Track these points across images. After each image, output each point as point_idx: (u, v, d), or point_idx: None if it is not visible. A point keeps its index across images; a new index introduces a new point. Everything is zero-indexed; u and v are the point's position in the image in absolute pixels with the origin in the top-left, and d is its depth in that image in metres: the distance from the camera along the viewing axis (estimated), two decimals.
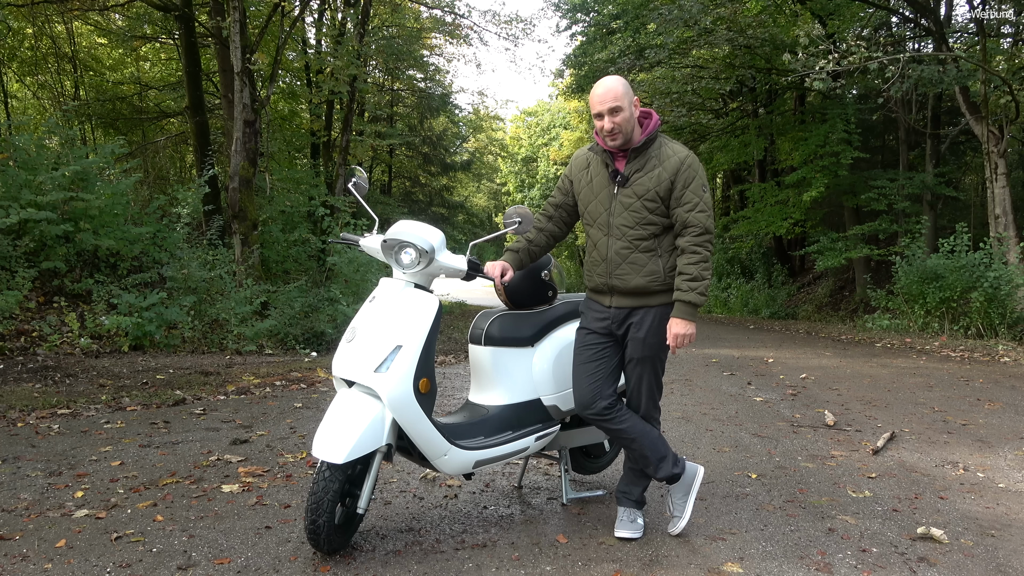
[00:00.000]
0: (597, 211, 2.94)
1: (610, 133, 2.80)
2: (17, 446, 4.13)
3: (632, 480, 3.07)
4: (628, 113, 2.78)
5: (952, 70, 11.79)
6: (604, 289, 2.95)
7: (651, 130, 2.86)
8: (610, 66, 16.96)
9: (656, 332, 2.89)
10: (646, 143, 2.86)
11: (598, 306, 2.99)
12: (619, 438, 2.99)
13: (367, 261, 10.51)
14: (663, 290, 2.88)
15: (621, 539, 2.94)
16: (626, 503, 3.05)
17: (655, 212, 2.83)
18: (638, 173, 2.85)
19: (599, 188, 2.94)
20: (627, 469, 3.09)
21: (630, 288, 2.88)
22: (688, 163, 2.81)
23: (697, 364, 8.35)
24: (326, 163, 16.81)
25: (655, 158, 2.85)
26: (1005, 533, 3.10)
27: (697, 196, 2.79)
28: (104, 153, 9.16)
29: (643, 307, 2.90)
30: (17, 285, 7.31)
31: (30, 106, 17.38)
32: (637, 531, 2.97)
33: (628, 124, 2.79)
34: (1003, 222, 11.78)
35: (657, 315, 2.89)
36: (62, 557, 2.66)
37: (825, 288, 18.85)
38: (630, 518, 3.00)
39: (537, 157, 39.43)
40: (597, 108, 2.80)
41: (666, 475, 3.00)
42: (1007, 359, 8.67)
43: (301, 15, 14.61)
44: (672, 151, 2.85)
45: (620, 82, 2.81)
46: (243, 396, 5.88)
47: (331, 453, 2.52)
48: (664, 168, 2.82)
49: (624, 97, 2.77)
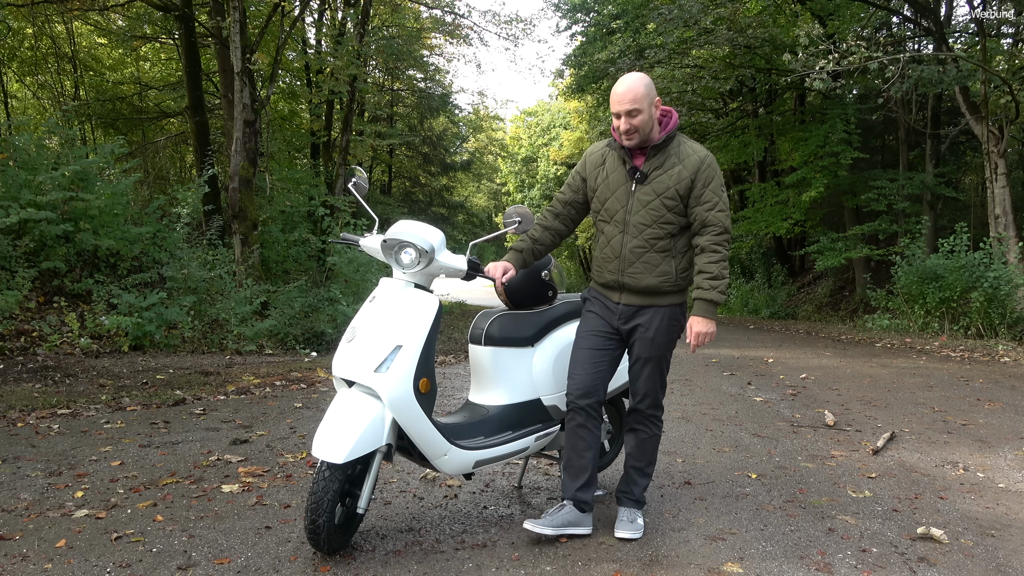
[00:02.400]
0: (614, 207, 2.91)
1: (626, 133, 2.79)
2: (17, 446, 4.13)
3: (632, 480, 3.06)
4: (647, 115, 2.76)
5: (952, 70, 11.80)
6: (615, 286, 2.94)
7: (671, 128, 2.84)
8: (610, 66, 16.95)
9: (666, 332, 2.89)
10: (665, 141, 2.84)
11: (607, 300, 2.99)
12: (577, 438, 2.93)
13: (367, 261, 10.51)
14: (674, 291, 2.89)
15: (621, 539, 2.93)
16: (626, 503, 3.04)
17: (673, 210, 2.82)
18: (657, 171, 2.83)
19: (616, 184, 2.90)
20: (627, 468, 3.09)
21: (641, 287, 2.87)
22: (708, 162, 2.81)
23: (697, 364, 8.35)
24: (326, 163, 16.80)
25: (675, 156, 2.83)
26: (1005, 533, 3.10)
27: (717, 196, 2.79)
28: (104, 153, 9.16)
29: (652, 306, 2.89)
30: (17, 285, 7.31)
31: (30, 106, 17.38)
32: (637, 531, 2.96)
33: (646, 126, 2.78)
34: (1003, 222, 11.79)
35: (667, 315, 2.89)
36: (62, 557, 2.66)
37: (825, 288, 18.86)
38: (630, 518, 2.99)
39: (537, 157, 39.41)
40: (616, 108, 2.77)
41: (571, 493, 2.91)
42: (1007, 359, 8.67)
43: (301, 15, 14.62)
44: (692, 150, 2.84)
45: (642, 83, 2.76)
46: (243, 396, 5.88)
47: (331, 453, 2.52)
48: (684, 166, 2.80)
49: (644, 99, 2.74)
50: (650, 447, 3.05)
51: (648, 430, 3.04)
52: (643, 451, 3.04)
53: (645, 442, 3.04)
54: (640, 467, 3.05)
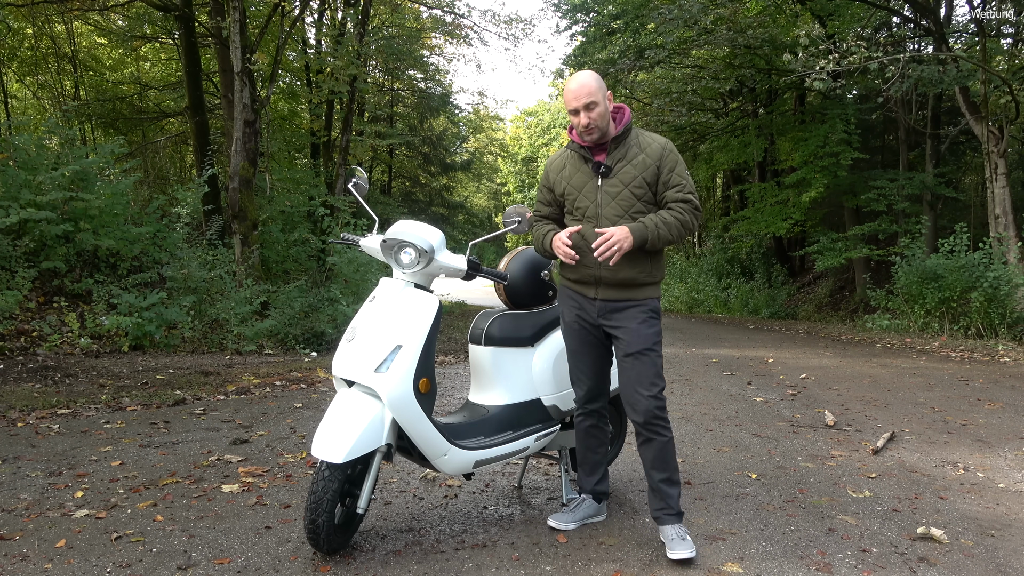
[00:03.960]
0: (584, 204, 2.90)
1: (586, 128, 2.79)
2: (17, 446, 4.13)
3: (664, 494, 2.85)
4: (603, 108, 2.79)
5: (952, 70, 11.80)
6: (590, 280, 2.91)
7: (627, 121, 2.89)
8: (610, 66, 16.95)
9: (649, 323, 2.86)
10: (624, 133, 2.88)
11: (580, 297, 2.96)
12: (589, 437, 3.08)
13: (367, 261, 10.51)
14: (650, 282, 2.88)
15: (677, 560, 2.71)
16: (667, 520, 2.83)
17: (642, 199, 2.84)
18: (621, 162, 2.85)
19: (581, 183, 2.91)
20: (654, 485, 2.88)
21: (618, 280, 2.85)
22: (669, 148, 2.87)
23: (697, 364, 8.35)
24: (326, 163, 16.81)
25: (635, 146, 2.87)
26: (1005, 533, 3.10)
27: (683, 178, 2.84)
28: (104, 153, 9.16)
29: (629, 300, 2.87)
30: (17, 285, 7.31)
31: (30, 106, 17.39)
32: (690, 548, 2.73)
33: (603, 119, 2.80)
34: (1003, 222, 11.78)
35: (646, 308, 2.87)
36: (62, 557, 2.66)
37: (825, 288, 18.85)
38: (680, 535, 2.78)
39: (537, 157, 39.43)
40: (572, 104, 2.79)
41: (590, 488, 3.11)
42: (1007, 359, 8.67)
43: (301, 15, 14.62)
44: (651, 139, 2.89)
45: (593, 77, 2.81)
46: (243, 396, 5.88)
47: (331, 453, 2.52)
48: (647, 155, 2.84)
49: (598, 92, 2.78)
50: (669, 453, 2.86)
51: (660, 435, 2.84)
52: (663, 460, 2.84)
53: (662, 450, 2.84)
54: (667, 477, 2.85)
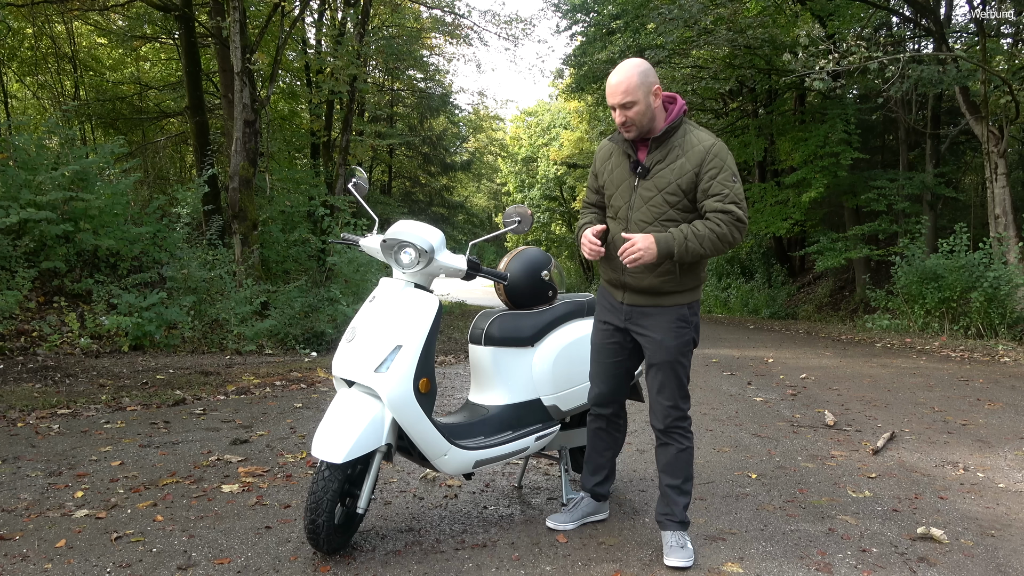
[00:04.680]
0: (618, 203, 2.77)
1: (623, 126, 2.66)
2: (17, 446, 4.13)
3: (671, 500, 2.79)
4: (643, 106, 2.59)
5: (952, 70, 11.80)
6: (618, 284, 2.84)
7: (675, 116, 2.66)
8: (610, 67, 16.94)
9: (675, 334, 2.72)
10: (668, 131, 2.66)
11: (611, 299, 2.90)
12: (597, 438, 3.05)
13: (367, 261, 10.51)
14: (677, 291, 2.72)
15: (674, 568, 2.65)
16: (670, 526, 2.77)
17: (676, 207, 2.64)
18: (660, 164, 2.66)
19: (620, 179, 2.77)
20: (663, 489, 2.82)
21: (643, 287, 2.74)
22: (715, 151, 2.60)
23: (697, 364, 8.35)
24: (326, 163, 16.80)
25: (678, 147, 2.64)
26: (1005, 533, 3.10)
27: (725, 186, 2.57)
28: (104, 153, 9.16)
29: (655, 307, 2.74)
30: (17, 285, 7.31)
31: (30, 106, 17.38)
32: (688, 557, 2.67)
33: (643, 117, 2.61)
34: (1003, 222, 11.79)
35: (674, 315, 2.73)
36: (62, 557, 2.66)
37: (825, 288, 18.86)
38: (679, 543, 2.72)
39: (537, 157, 39.39)
40: (610, 101, 2.66)
41: (590, 487, 3.08)
42: (1007, 359, 8.67)
43: (301, 15, 14.62)
44: (697, 139, 2.64)
45: (636, 72, 2.59)
46: (243, 396, 5.88)
47: (331, 453, 2.52)
48: (688, 158, 2.61)
49: (638, 90, 2.58)
50: (683, 461, 2.78)
51: (678, 443, 2.78)
52: (676, 467, 2.78)
53: (677, 456, 2.78)
54: (676, 485, 2.78)
